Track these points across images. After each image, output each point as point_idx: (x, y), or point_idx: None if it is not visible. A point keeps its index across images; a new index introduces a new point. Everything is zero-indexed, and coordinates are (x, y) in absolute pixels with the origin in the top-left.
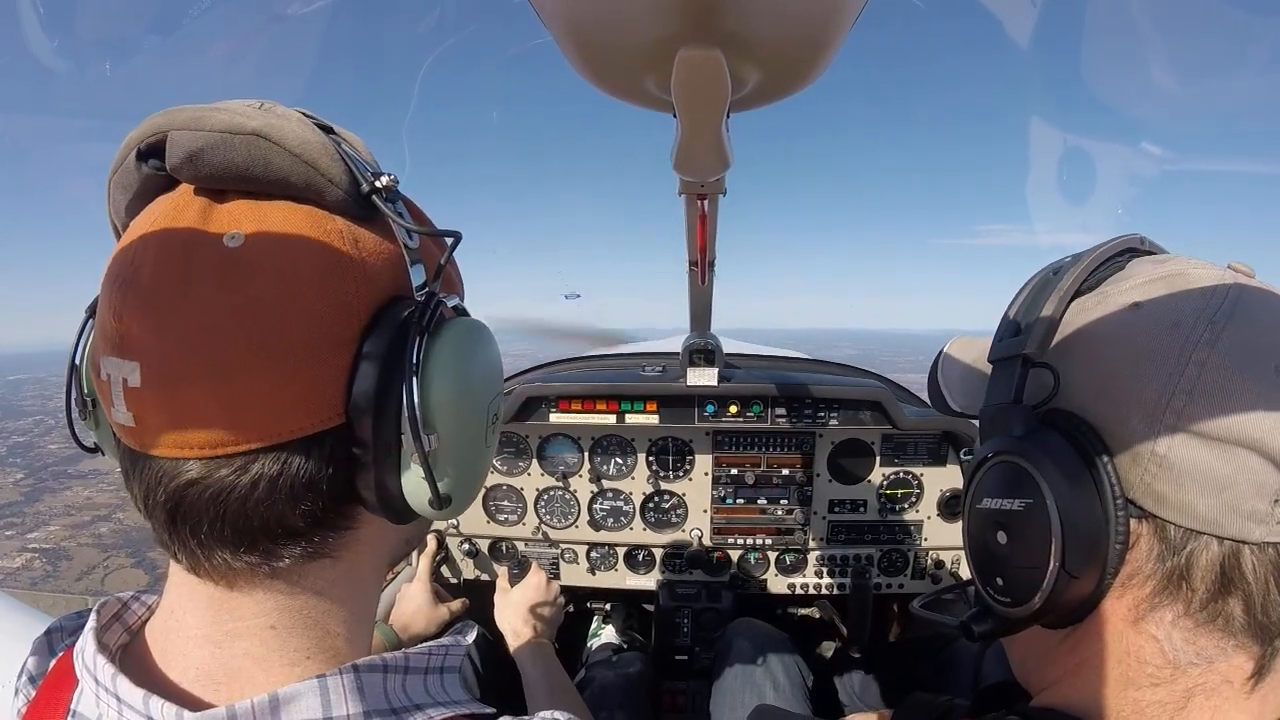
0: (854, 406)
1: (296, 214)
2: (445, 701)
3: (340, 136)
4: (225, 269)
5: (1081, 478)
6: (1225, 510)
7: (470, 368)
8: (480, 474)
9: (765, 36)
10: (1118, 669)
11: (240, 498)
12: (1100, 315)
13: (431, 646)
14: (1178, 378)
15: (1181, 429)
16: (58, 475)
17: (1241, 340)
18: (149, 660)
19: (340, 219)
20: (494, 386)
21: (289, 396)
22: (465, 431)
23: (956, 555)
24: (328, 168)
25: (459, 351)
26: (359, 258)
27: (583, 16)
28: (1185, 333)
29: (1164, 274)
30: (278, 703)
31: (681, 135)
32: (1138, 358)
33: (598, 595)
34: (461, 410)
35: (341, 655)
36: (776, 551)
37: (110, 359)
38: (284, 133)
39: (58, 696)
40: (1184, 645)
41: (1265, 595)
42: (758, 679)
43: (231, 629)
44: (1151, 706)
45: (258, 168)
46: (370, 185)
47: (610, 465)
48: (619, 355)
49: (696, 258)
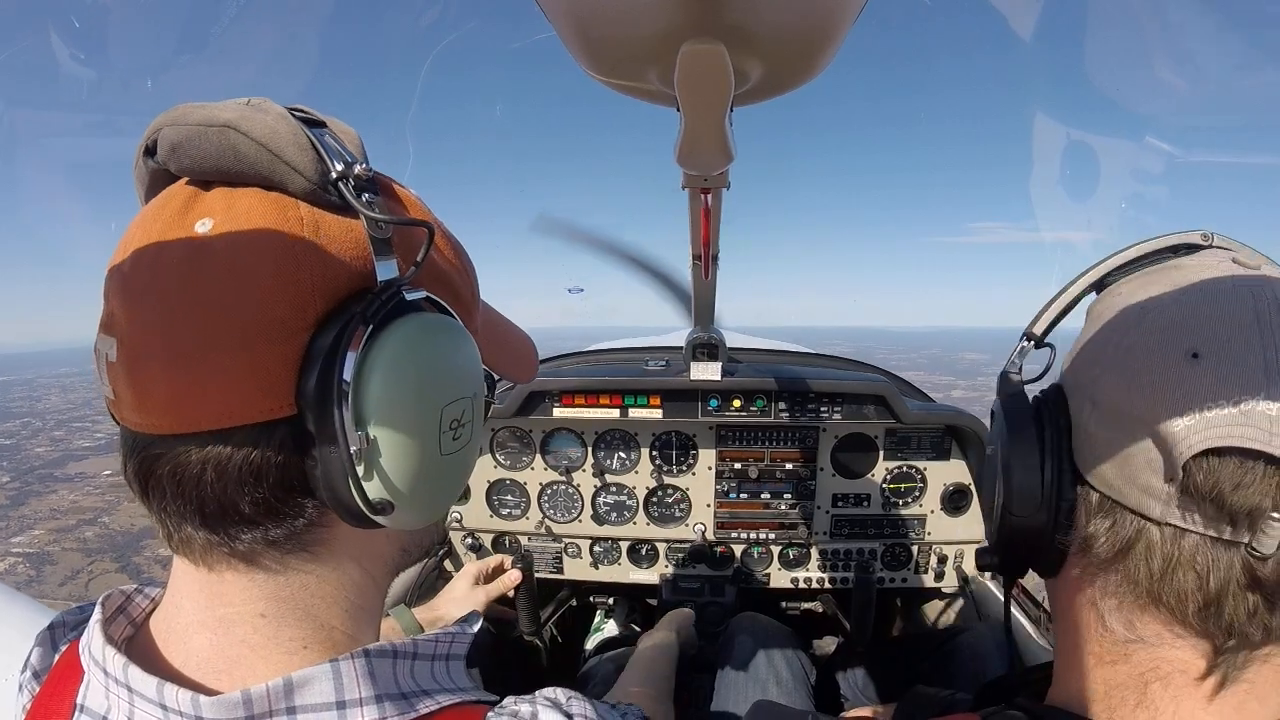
0: (857, 401)
1: (263, 201)
2: (452, 688)
3: (331, 129)
4: (190, 254)
5: (1026, 434)
6: (1126, 481)
7: (416, 364)
8: (432, 483)
9: (768, 31)
10: (1088, 644)
11: (194, 477)
12: (1096, 307)
13: (438, 634)
14: (1106, 356)
15: (1101, 402)
16: (44, 479)
17: (1165, 323)
18: (155, 651)
19: (305, 206)
20: (451, 388)
21: (238, 382)
22: (405, 433)
23: (960, 550)
24: (293, 156)
25: (406, 347)
26: (318, 245)
27: (587, 11)
28: (1123, 316)
29: (1161, 268)
30: (291, 686)
31: (685, 129)
32: (1092, 339)
33: (601, 590)
34: (401, 410)
35: (341, 648)
36: (779, 546)
37: (100, 335)
38: (253, 123)
39: (63, 691)
40: (1120, 620)
41: (1192, 590)
42: (760, 673)
43: (224, 614)
44: (1118, 689)
45: (227, 158)
46: (337, 173)
47: (614, 460)
48: (622, 350)
49: (700, 252)
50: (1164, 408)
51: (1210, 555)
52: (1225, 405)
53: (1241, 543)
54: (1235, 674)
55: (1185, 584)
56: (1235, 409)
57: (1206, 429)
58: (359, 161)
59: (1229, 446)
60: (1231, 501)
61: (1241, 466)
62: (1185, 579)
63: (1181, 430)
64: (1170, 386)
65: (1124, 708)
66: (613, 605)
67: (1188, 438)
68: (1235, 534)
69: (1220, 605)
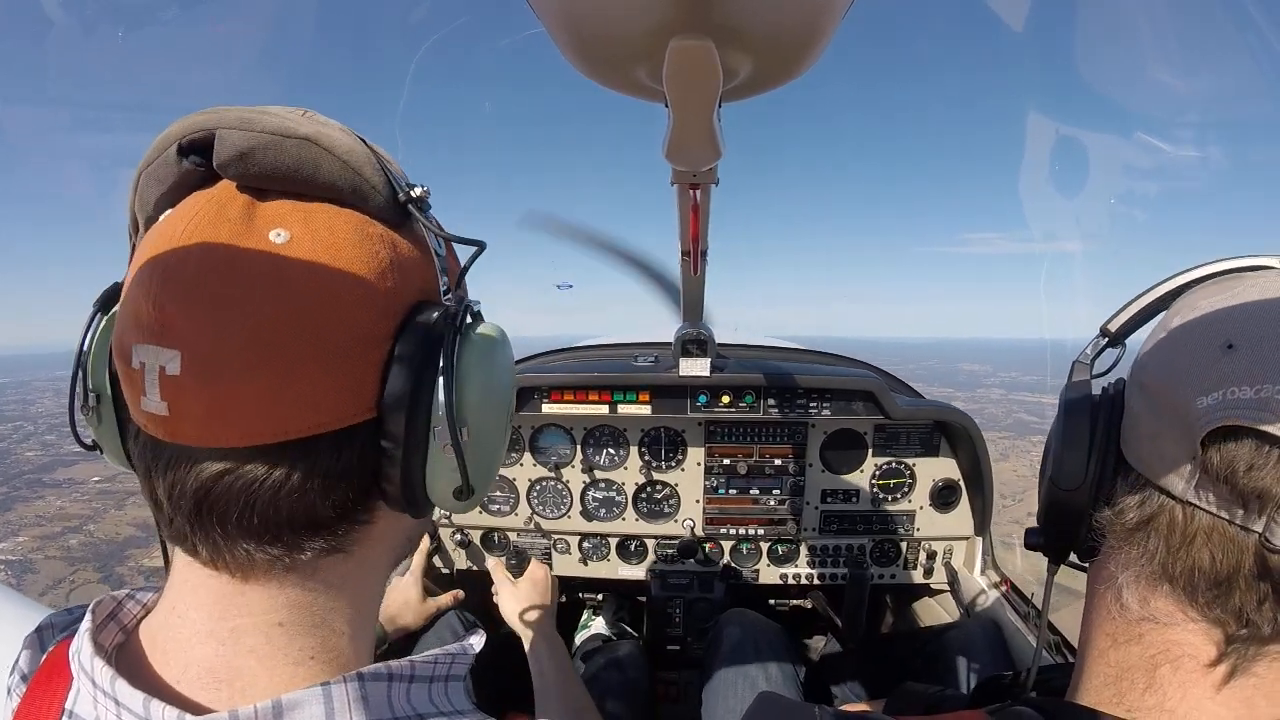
0: (846, 397)
1: (341, 216)
2: (449, 711)
3: (374, 149)
4: (275, 266)
5: (1080, 415)
6: (1156, 457)
7: (495, 367)
8: (497, 466)
9: (757, 27)
10: (1104, 625)
11: (273, 487)
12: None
13: (438, 654)
14: (1155, 344)
15: (1145, 384)
16: (32, 484)
17: (1211, 318)
18: (145, 660)
19: (379, 224)
20: (512, 384)
21: (328, 390)
22: (490, 426)
23: (949, 545)
24: (371, 175)
25: (487, 351)
26: (396, 260)
27: (575, 8)
28: (1178, 312)
29: (1230, 279)
30: (281, 709)
31: (673, 125)
32: (1151, 334)
33: (589, 586)
34: (488, 406)
35: (344, 657)
36: (769, 542)
37: (147, 347)
38: (333, 140)
39: (49, 695)
40: (1135, 596)
41: (1204, 569)
42: (750, 669)
43: (238, 624)
44: (1129, 672)
45: (307, 170)
46: (406, 194)
47: (603, 455)
48: (611, 345)
49: (689, 247)
50: (1193, 388)
51: (1223, 538)
52: (1248, 390)
53: (1255, 531)
54: (1244, 666)
55: (1196, 562)
56: (1256, 395)
57: (1225, 409)
58: (416, 184)
59: (1244, 427)
60: (1244, 483)
61: (1257, 451)
62: (1197, 556)
63: (1203, 408)
64: (1202, 370)
65: (1133, 692)
66: (601, 602)
67: (1207, 414)
68: (1247, 519)
69: (1230, 588)
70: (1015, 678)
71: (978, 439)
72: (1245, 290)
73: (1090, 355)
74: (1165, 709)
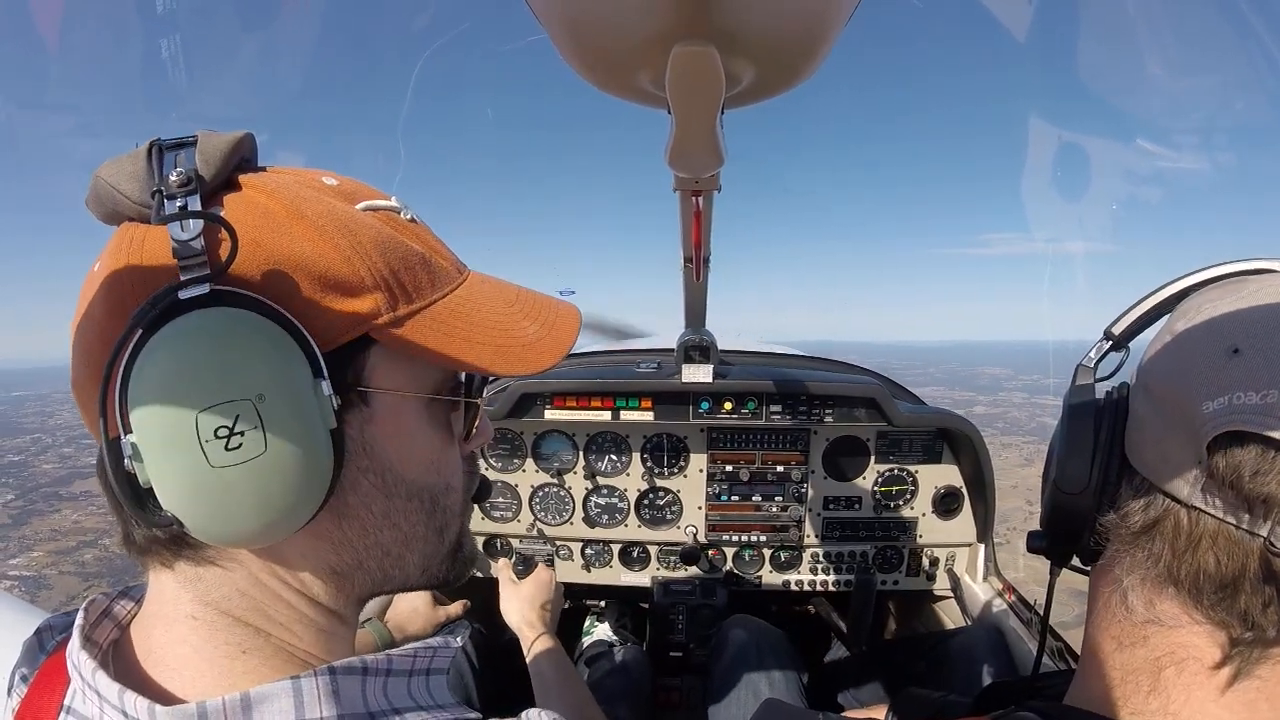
0: (849, 403)
1: (114, 233)
2: (429, 705)
3: (201, 143)
4: (82, 292)
5: (1085, 418)
6: (1162, 461)
7: (160, 369)
8: (213, 497)
9: (760, 33)
10: (1110, 629)
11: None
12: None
13: (417, 648)
14: (1160, 346)
15: (1150, 388)
16: (48, 497)
17: (1216, 321)
18: (132, 654)
19: (140, 226)
20: (207, 393)
21: (99, 395)
22: (162, 443)
23: (951, 552)
24: (122, 183)
25: (156, 352)
26: (139, 261)
27: (577, 13)
28: (1183, 315)
29: (1236, 282)
30: (250, 702)
31: (675, 131)
32: (1155, 337)
33: (592, 593)
34: (158, 415)
35: (286, 656)
36: (771, 548)
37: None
38: (109, 167)
39: (48, 694)
40: (1140, 598)
41: (1209, 572)
42: (753, 675)
43: (163, 612)
44: (1133, 675)
45: (103, 204)
46: (154, 188)
47: (605, 462)
48: (613, 352)
49: (691, 254)
50: (1199, 393)
51: (1229, 542)
52: (1254, 396)
53: (1261, 535)
54: (1249, 669)
55: (1202, 565)
56: (1262, 400)
57: (1231, 414)
58: (194, 169)
59: (1249, 432)
60: (1249, 488)
61: (1262, 456)
62: (1203, 560)
63: (1209, 413)
64: (1208, 374)
65: (1137, 695)
66: (604, 609)
67: (1213, 419)
68: (1253, 523)
69: (1235, 592)
70: (1019, 683)
71: (980, 446)
72: (1250, 294)
73: (1094, 358)
74: (1169, 712)
